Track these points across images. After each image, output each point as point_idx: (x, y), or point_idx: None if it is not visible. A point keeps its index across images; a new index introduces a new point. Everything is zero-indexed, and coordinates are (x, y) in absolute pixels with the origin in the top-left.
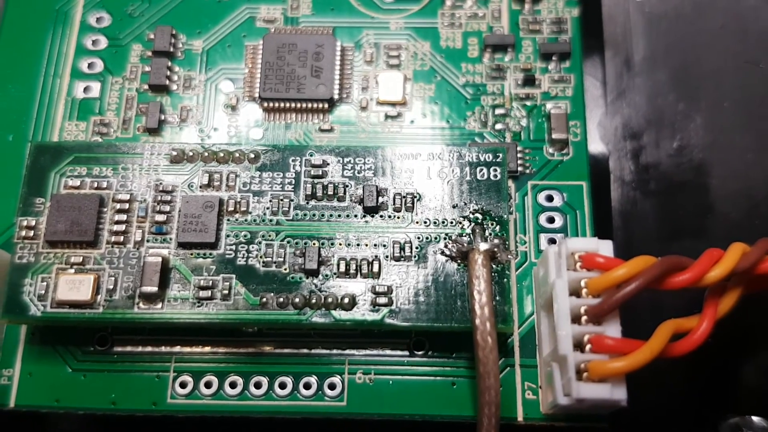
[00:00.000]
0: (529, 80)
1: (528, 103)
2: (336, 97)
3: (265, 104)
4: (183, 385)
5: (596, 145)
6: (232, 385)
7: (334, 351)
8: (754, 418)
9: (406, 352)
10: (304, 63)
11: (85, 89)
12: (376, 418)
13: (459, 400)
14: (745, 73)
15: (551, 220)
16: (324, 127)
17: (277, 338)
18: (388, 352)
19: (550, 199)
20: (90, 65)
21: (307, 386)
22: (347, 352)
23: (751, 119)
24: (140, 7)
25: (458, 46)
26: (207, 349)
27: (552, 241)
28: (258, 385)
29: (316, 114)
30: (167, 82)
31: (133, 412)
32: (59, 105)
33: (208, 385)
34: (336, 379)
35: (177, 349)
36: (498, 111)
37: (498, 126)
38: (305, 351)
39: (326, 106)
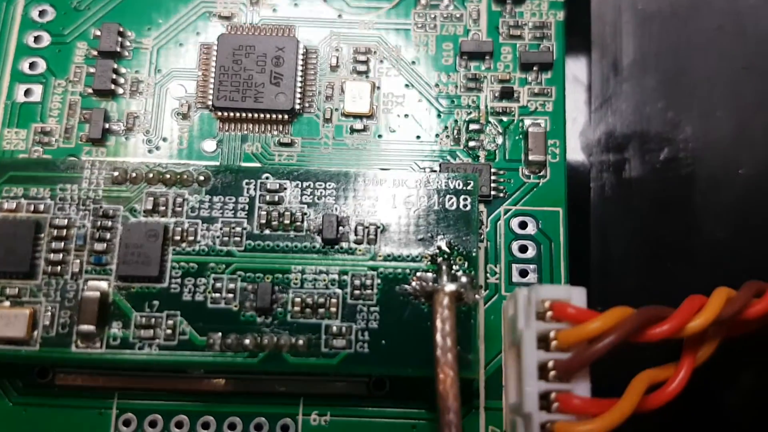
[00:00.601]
0: (507, 93)
1: (504, 118)
2: (297, 107)
3: (220, 113)
4: (126, 424)
5: (577, 157)
6: (179, 425)
7: (288, 390)
8: None
9: (365, 392)
10: (262, 68)
11: (26, 92)
12: None
13: None
14: (740, 79)
15: (524, 249)
16: (284, 141)
17: (226, 375)
18: (345, 391)
19: (523, 226)
20: (32, 65)
21: (258, 428)
22: (301, 391)
23: (744, 130)
24: (85, 0)
25: (432, 51)
26: (152, 385)
27: (523, 274)
28: (206, 426)
29: (275, 125)
30: (113, 86)
31: None
32: None
33: (152, 424)
34: (289, 421)
35: (120, 384)
36: (472, 126)
37: (472, 144)
38: (256, 390)
39: (286, 117)
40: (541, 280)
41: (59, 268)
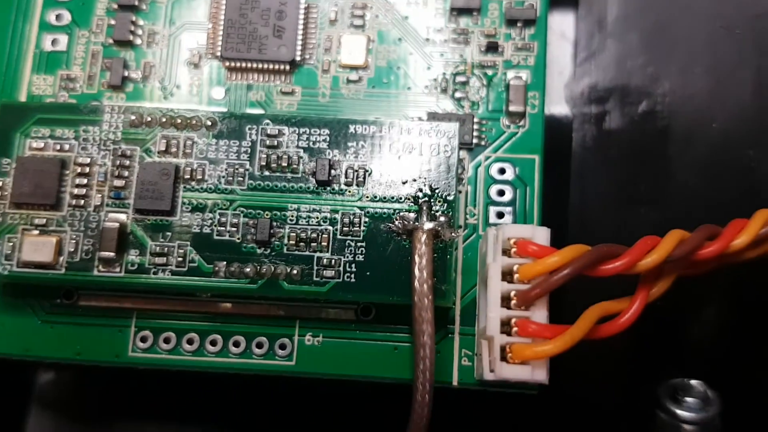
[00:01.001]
0: (492, 47)
1: (489, 71)
2: (298, 58)
3: (227, 63)
4: (143, 340)
5: (560, 109)
6: (189, 342)
7: (286, 314)
8: (693, 382)
9: (354, 317)
10: (266, 22)
11: (53, 42)
12: (323, 377)
13: (400, 364)
14: (719, 38)
15: (501, 193)
16: (285, 90)
17: (231, 299)
18: (336, 316)
19: (502, 171)
20: (58, 17)
21: (259, 345)
22: (297, 315)
23: (719, 87)
24: None
25: (424, 7)
26: (166, 306)
27: (500, 215)
28: (213, 343)
29: (277, 75)
30: (131, 37)
31: (96, 363)
32: (27, 57)
33: (166, 340)
34: (286, 341)
35: (138, 305)
36: (459, 78)
37: (458, 95)
38: (258, 313)
39: (288, 67)
40: (516, 221)
41: (82, 201)
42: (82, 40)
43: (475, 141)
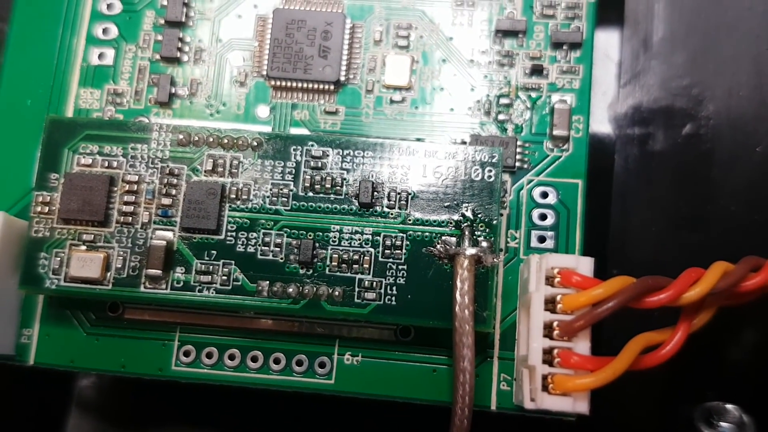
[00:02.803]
0: (537, 70)
1: (533, 94)
2: (342, 78)
3: (273, 82)
4: (186, 354)
5: (603, 129)
6: (231, 357)
7: (326, 332)
8: (728, 406)
9: (393, 338)
10: (312, 42)
11: (100, 56)
12: (361, 397)
13: (438, 386)
14: (764, 60)
15: (543, 217)
16: (329, 109)
17: (273, 316)
18: (375, 336)
19: (544, 195)
20: (104, 30)
21: (299, 363)
22: (337, 333)
23: (764, 111)
24: None
25: (469, 28)
26: (208, 321)
27: (542, 240)
28: (254, 359)
29: (322, 95)
30: (178, 54)
31: (140, 376)
32: (74, 71)
33: (209, 355)
34: (325, 359)
35: (182, 320)
36: (503, 101)
37: (501, 117)
38: (298, 331)
39: (332, 87)
40: (558, 247)
41: (130, 218)
42: (129, 54)
43: (518, 164)
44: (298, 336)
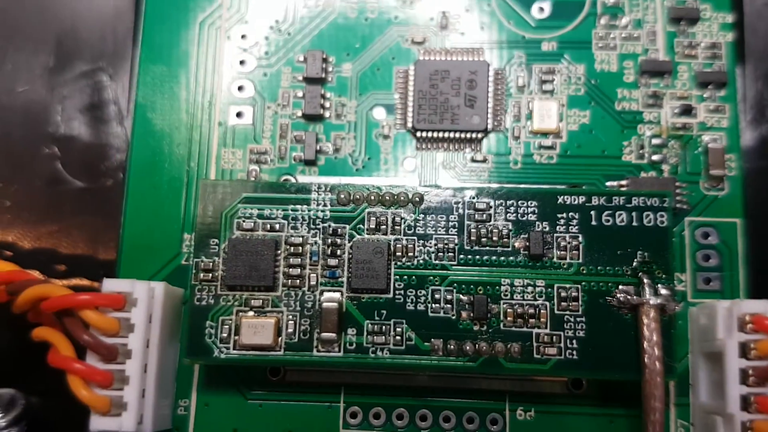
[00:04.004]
0: (686, 110)
1: (684, 133)
2: (490, 126)
3: (419, 134)
4: (354, 416)
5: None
6: (399, 417)
7: (494, 387)
8: None
9: (565, 390)
10: (457, 92)
11: (238, 114)
12: None
13: None
14: None
15: (707, 258)
16: (477, 158)
17: (438, 373)
18: (547, 389)
19: (706, 236)
20: (240, 88)
21: (470, 420)
22: (507, 389)
23: None
24: (286, 26)
25: (613, 69)
26: (372, 381)
27: (707, 281)
28: (423, 418)
29: (468, 144)
30: (321, 110)
31: None
32: (213, 130)
33: (376, 416)
34: (497, 416)
35: (345, 380)
36: (654, 141)
37: (655, 157)
38: (466, 386)
39: (480, 136)
40: (723, 288)
41: (297, 281)
42: (268, 112)
43: (677, 205)
44: (465, 393)
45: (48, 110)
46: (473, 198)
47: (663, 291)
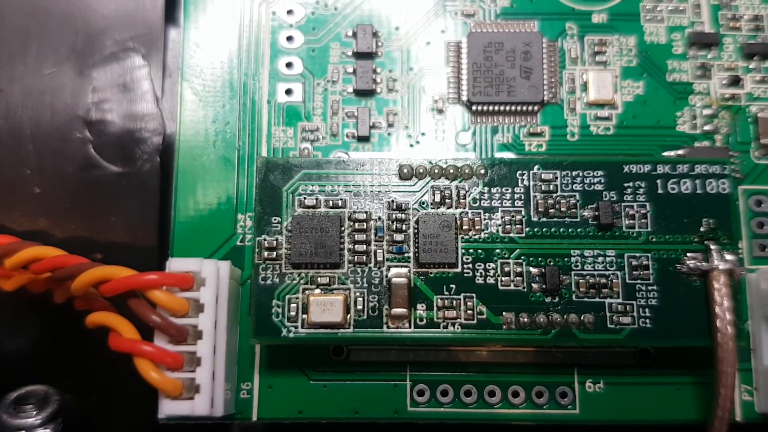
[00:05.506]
0: (734, 80)
1: (733, 104)
2: (546, 98)
3: (474, 107)
4: (421, 393)
5: None
6: (467, 394)
7: (563, 360)
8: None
9: (634, 361)
10: (512, 63)
11: (287, 91)
12: (609, 425)
13: (684, 404)
14: None
15: (761, 225)
16: (533, 131)
17: (521, 348)
18: (614, 361)
19: (759, 204)
20: (288, 65)
21: (539, 395)
22: (574, 361)
23: None
24: (332, 1)
25: (662, 41)
26: (436, 358)
27: (763, 248)
28: (491, 394)
29: (524, 116)
30: (373, 86)
31: (375, 421)
32: (263, 109)
33: (444, 393)
34: (566, 389)
35: (409, 358)
36: (705, 112)
37: (707, 127)
38: (532, 361)
39: (536, 108)
40: None
41: (363, 257)
42: (318, 89)
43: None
44: (534, 366)
45: (78, 93)
46: (539, 169)
47: (729, 257)
